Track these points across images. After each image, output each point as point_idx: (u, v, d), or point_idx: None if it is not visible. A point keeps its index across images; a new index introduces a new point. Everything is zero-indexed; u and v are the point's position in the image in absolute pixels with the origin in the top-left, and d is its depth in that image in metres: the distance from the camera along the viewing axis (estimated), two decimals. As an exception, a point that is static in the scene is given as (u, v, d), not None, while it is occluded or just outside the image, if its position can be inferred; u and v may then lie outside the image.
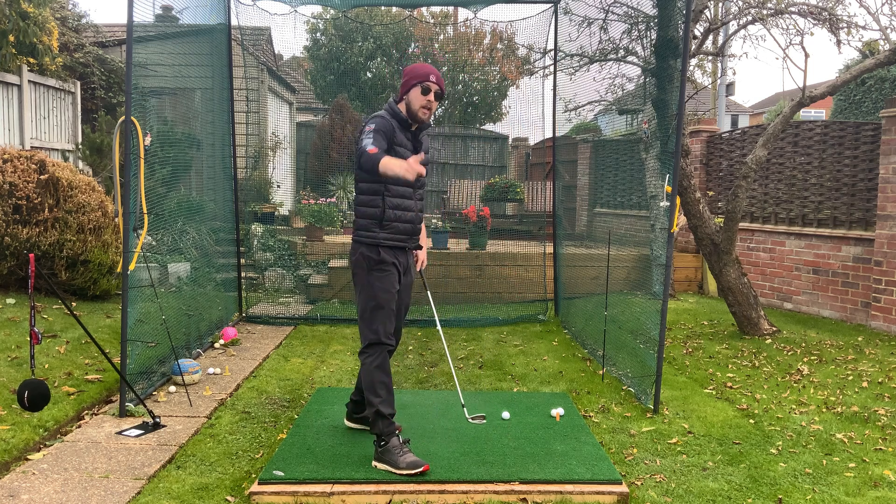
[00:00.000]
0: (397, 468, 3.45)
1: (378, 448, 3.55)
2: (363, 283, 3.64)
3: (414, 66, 3.66)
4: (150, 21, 5.06)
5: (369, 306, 3.61)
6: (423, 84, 3.59)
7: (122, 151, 4.35)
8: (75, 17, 11.70)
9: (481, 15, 7.33)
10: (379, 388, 3.55)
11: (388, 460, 3.50)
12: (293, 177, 14.14)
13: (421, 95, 3.60)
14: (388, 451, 3.50)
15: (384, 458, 3.51)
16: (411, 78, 3.62)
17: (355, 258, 3.67)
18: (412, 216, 3.70)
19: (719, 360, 5.98)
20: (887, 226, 7.11)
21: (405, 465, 3.44)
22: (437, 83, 3.61)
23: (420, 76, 3.60)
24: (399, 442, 3.54)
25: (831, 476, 3.67)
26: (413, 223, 3.71)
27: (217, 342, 6.23)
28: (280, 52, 17.20)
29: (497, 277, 8.75)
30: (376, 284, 3.60)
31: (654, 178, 6.14)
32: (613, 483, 3.43)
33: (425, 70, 3.62)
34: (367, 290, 3.62)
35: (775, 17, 6.67)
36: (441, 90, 3.64)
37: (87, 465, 3.60)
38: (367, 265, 3.62)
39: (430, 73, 3.61)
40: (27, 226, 6.12)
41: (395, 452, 3.49)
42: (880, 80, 12.38)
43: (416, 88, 3.60)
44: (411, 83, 3.61)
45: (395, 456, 3.48)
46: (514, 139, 15.75)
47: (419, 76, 3.60)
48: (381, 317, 3.60)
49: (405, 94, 3.64)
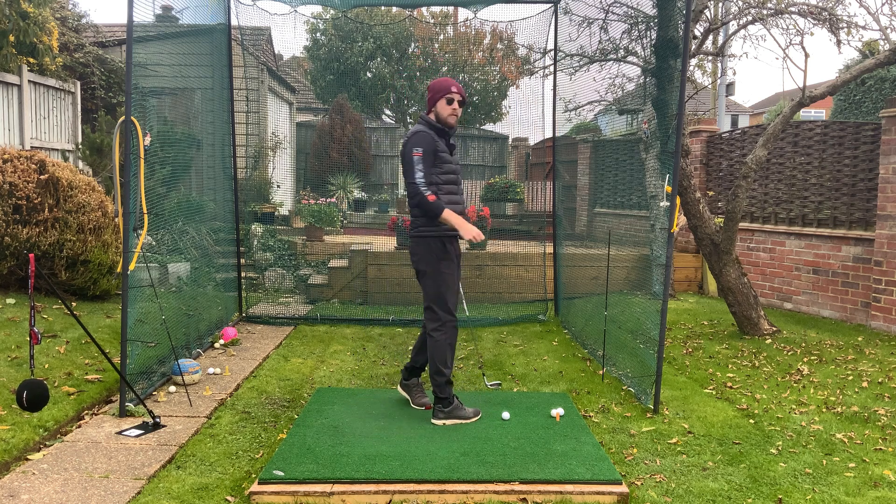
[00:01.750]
0: (467, 418, 4.26)
1: (445, 409, 4.25)
2: (434, 271, 4.23)
3: (436, 82, 4.30)
4: (150, 21, 5.05)
5: (442, 291, 4.23)
6: (448, 96, 4.23)
7: (122, 151, 4.35)
8: (75, 17, 11.70)
9: (481, 15, 7.32)
10: (449, 360, 4.26)
11: (457, 415, 4.25)
12: (293, 177, 14.14)
13: (447, 106, 4.24)
14: (457, 407, 4.27)
15: (454, 413, 4.25)
16: (436, 93, 4.25)
17: (422, 249, 4.25)
18: (460, 209, 4.31)
19: (719, 360, 5.98)
20: (887, 226, 7.11)
21: (472, 414, 4.28)
22: (458, 93, 4.26)
23: (443, 89, 4.24)
24: (459, 401, 4.32)
25: (831, 476, 3.68)
26: (462, 215, 4.30)
27: (217, 342, 6.23)
28: (280, 52, 17.22)
29: (497, 277, 8.75)
30: (444, 271, 4.24)
31: (654, 178, 6.14)
32: (613, 483, 3.43)
33: (447, 83, 4.26)
34: (438, 276, 4.23)
35: (775, 17, 6.67)
36: (463, 98, 4.29)
37: (87, 465, 3.60)
38: (436, 255, 4.23)
39: (451, 84, 4.25)
40: (27, 226, 6.12)
41: (460, 408, 4.27)
42: (880, 80, 12.38)
43: (441, 101, 4.24)
44: (437, 97, 4.25)
45: (461, 411, 4.27)
46: (514, 139, 15.75)
47: (443, 90, 4.24)
48: (451, 299, 4.25)
49: (433, 107, 4.28)
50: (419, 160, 4.13)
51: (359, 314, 7.80)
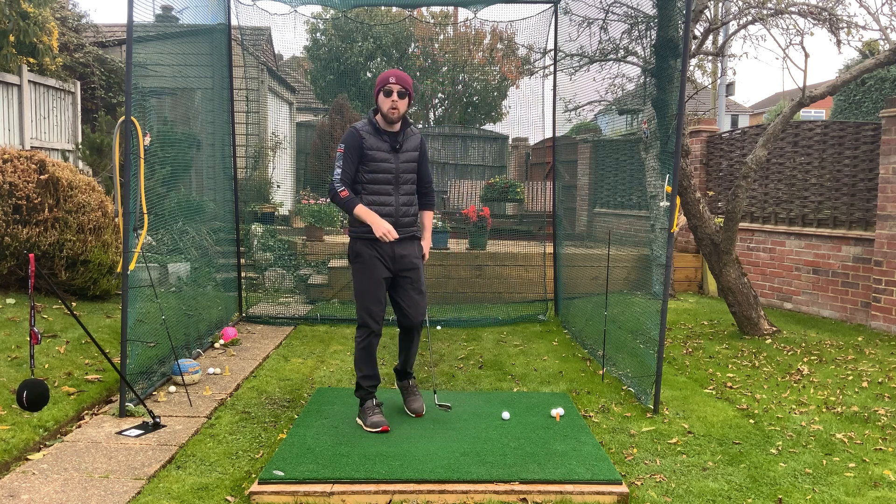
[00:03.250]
0: (364, 425, 4.13)
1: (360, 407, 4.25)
2: (352, 271, 4.21)
3: (380, 75, 4.08)
4: (150, 21, 5.05)
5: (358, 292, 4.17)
6: (384, 88, 3.99)
7: (122, 151, 4.35)
8: (75, 17, 11.70)
9: (481, 15, 7.32)
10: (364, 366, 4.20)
11: (361, 417, 4.19)
12: (293, 177, 14.14)
13: (385, 98, 4.01)
14: (363, 410, 4.20)
15: (360, 415, 4.21)
16: (376, 89, 4.05)
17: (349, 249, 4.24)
18: (389, 210, 4.13)
19: (719, 360, 5.98)
20: (887, 226, 7.11)
21: (370, 424, 4.10)
22: (397, 83, 3.98)
23: (381, 81, 4.01)
24: (372, 405, 4.19)
25: (831, 476, 3.67)
26: (393, 216, 4.13)
27: (217, 342, 6.23)
28: (280, 52, 17.21)
29: (497, 277, 8.75)
30: (357, 275, 4.17)
31: (654, 178, 6.13)
32: (613, 483, 3.43)
33: (385, 75, 4.02)
34: (354, 277, 4.19)
35: (775, 17, 6.67)
36: (404, 87, 4.00)
37: (87, 465, 3.60)
38: (351, 256, 4.21)
39: (389, 76, 4.00)
40: (27, 226, 6.12)
41: (366, 412, 4.16)
42: (880, 80, 12.37)
43: (380, 94, 4.02)
44: (376, 90, 4.04)
45: (364, 415, 4.16)
46: (514, 139, 15.74)
47: (380, 82, 4.02)
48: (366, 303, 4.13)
49: (376, 100, 4.07)
50: (340, 156, 4.04)
51: (359, 314, 7.78)
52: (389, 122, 4.06)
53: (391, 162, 4.10)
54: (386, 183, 4.11)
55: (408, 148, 4.18)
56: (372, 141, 4.06)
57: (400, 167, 4.14)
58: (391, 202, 4.13)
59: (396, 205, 4.14)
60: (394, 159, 4.11)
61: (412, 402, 4.42)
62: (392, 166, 4.11)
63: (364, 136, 4.06)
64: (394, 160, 4.11)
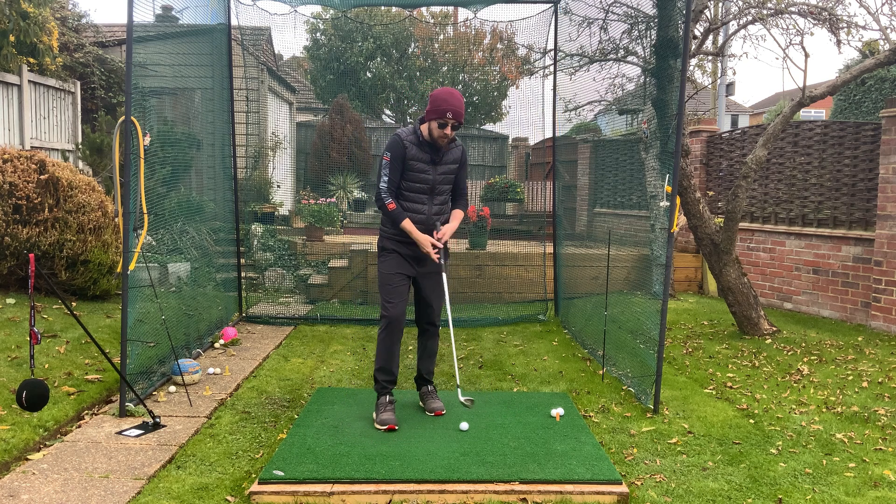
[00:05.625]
0: (374, 421, 4.17)
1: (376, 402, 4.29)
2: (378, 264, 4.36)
3: (437, 98, 4.08)
4: (150, 21, 5.05)
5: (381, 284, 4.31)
6: (440, 121, 4.07)
7: (122, 151, 4.35)
8: (75, 17, 11.70)
9: (481, 15, 7.32)
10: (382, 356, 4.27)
11: (375, 411, 4.24)
12: (293, 177, 14.14)
13: (438, 129, 4.09)
14: (376, 405, 4.25)
15: (375, 409, 4.25)
16: (431, 111, 4.09)
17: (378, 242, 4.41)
18: (423, 219, 4.25)
19: (719, 360, 5.98)
20: (887, 226, 7.10)
21: (378, 421, 4.13)
22: (453, 118, 4.05)
23: (438, 113, 4.05)
24: (385, 401, 4.22)
25: (831, 476, 3.67)
26: (425, 224, 4.26)
27: (217, 342, 6.23)
28: (280, 52, 17.21)
29: (497, 277, 8.75)
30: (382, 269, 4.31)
31: (654, 178, 6.13)
32: (613, 483, 3.43)
33: (444, 107, 4.04)
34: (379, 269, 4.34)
35: (775, 17, 6.67)
36: (458, 122, 4.09)
37: (87, 465, 3.60)
38: (378, 250, 4.37)
39: (447, 110, 4.03)
40: (27, 226, 6.12)
41: (378, 408, 4.22)
42: (880, 80, 12.38)
43: (434, 122, 4.08)
44: (430, 117, 4.10)
45: (377, 410, 4.22)
46: (514, 139, 15.73)
47: (438, 113, 4.06)
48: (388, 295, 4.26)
49: (428, 121, 4.13)
50: (385, 164, 4.15)
51: (359, 314, 7.79)
52: (435, 144, 4.17)
53: (429, 174, 4.21)
54: (421, 192, 4.24)
55: (447, 161, 4.26)
56: (414, 151, 4.16)
57: (437, 178, 4.25)
58: (424, 210, 4.26)
59: (429, 213, 4.28)
60: (431, 171, 4.21)
61: (431, 401, 4.47)
62: (429, 177, 4.22)
63: (407, 145, 4.15)
64: (431, 172, 4.21)
